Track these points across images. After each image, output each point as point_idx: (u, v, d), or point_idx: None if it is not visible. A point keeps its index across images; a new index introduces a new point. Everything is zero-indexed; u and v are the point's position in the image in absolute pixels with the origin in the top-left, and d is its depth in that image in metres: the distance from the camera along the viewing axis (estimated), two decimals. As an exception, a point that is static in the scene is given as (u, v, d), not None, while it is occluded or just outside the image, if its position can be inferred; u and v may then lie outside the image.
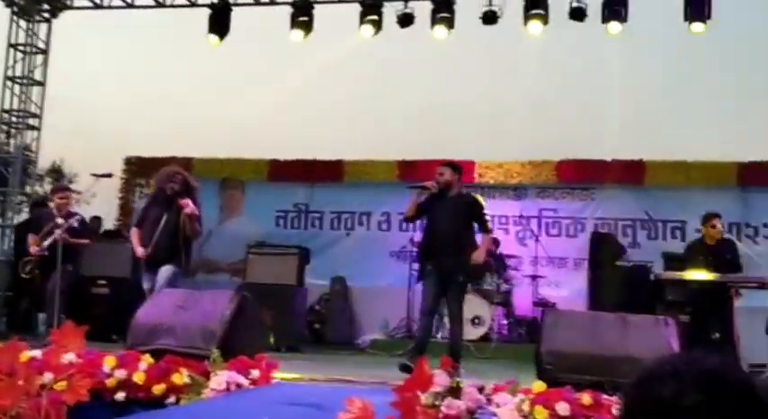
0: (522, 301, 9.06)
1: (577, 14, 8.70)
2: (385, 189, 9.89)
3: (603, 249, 8.10)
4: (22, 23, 9.99)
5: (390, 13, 9.22)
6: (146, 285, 5.71)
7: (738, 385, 1.01)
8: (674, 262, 7.79)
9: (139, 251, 5.78)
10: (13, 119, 9.98)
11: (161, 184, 5.92)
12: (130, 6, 9.96)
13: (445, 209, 5.63)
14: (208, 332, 3.73)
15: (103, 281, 7.68)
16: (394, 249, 9.96)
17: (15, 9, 9.91)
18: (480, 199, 5.95)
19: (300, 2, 9.33)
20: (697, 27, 8.31)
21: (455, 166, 5.90)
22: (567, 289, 9.52)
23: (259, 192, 10.86)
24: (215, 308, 3.86)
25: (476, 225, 5.76)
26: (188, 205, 5.59)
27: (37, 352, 3.27)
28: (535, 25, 8.64)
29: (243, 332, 3.91)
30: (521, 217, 9.80)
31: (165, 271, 5.62)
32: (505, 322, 8.74)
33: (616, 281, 7.28)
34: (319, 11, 9.44)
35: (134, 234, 5.98)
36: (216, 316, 3.80)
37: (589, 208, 9.92)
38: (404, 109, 18.22)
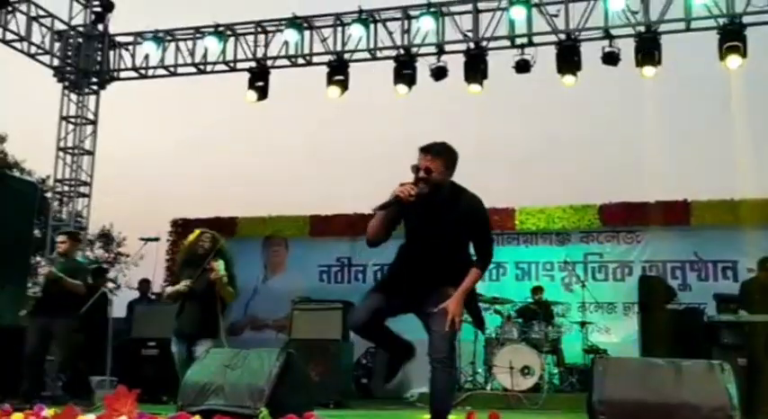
0: (572, 349, 8.86)
1: (610, 59, 8.77)
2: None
3: (653, 292, 7.92)
4: (73, 97, 10.51)
5: (424, 67, 9.42)
6: (174, 348, 5.55)
7: None
8: (727, 303, 7.56)
9: None
10: (65, 188, 10.39)
11: (191, 246, 5.92)
12: (173, 74, 10.38)
13: (432, 219, 3.50)
14: (256, 390, 3.75)
15: (152, 343, 7.78)
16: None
17: (66, 84, 10.44)
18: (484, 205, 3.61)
19: (336, 61, 9.60)
20: (733, 63, 8.26)
21: (448, 151, 3.50)
22: (618, 334, 9.32)
23: (302, 248, 11.00)
24: (262, 367, 3.89)
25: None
26: (212, 269, 5.45)
27: (91, 417, 3.33)
28: (568, 78, 8.82)
29: (290, 389, 3.92)
30: (566, 262, 9.69)
31: (202, 346, 5.30)
32: (556, 371, 8.56)
33: (668, 325, 7.08)
34: (354, 68, 9.69)
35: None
36: (263, 374, 3.83)
37: (635, 250, 9.78)
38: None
